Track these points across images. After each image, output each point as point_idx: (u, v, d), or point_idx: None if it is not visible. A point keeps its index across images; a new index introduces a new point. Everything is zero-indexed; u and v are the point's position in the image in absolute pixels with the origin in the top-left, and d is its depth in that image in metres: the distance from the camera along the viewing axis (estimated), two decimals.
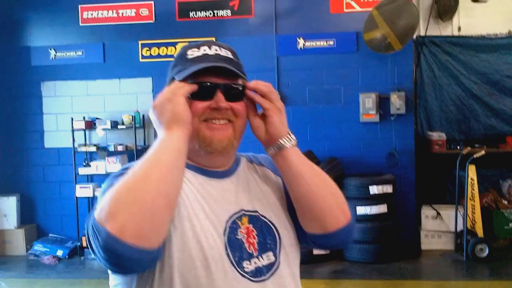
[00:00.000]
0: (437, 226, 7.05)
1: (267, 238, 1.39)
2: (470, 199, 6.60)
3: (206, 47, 1.38)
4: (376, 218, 6.58)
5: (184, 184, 1.31)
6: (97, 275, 6.55)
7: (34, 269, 6.98)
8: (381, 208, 6.59)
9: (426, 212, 7.10)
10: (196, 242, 1.27)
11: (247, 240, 1.35)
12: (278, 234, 1.41)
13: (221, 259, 1.29)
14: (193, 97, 1.34)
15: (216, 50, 1.38)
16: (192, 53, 1.38)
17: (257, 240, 1.37)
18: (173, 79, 1.40)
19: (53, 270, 6.87)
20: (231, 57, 1.40)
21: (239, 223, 1.36)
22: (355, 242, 6.59)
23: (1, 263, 7.24)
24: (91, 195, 7.43)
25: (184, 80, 1.35)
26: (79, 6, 7.76)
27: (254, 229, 1.38)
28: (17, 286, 6.36)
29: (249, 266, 1.33)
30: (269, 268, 1.36)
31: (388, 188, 6.67)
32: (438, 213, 7.03)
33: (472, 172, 6.61)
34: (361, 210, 6.57)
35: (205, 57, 1.36)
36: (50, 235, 7.76)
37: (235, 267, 1.30)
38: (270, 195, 1.48)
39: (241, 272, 1.31)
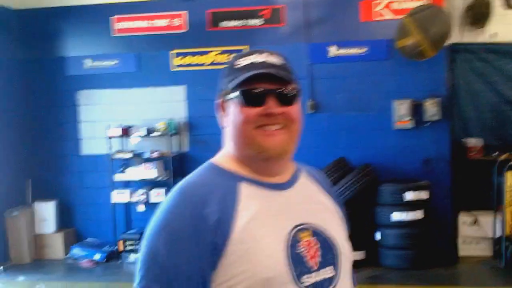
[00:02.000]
0: (475, 233, 6.99)
1: (329, 252, 1.38)
2: (508, 205, 6.54)
3: (255, 55, 1.39)
4: (412, 224, 6.56)
5: (243, 203, 1.32)
6: (134, 279, 6.61)
7: (72, 272, 7.10)
8: (417, 214, 6.57)
9: (464, 218, 7.06)
10: (257, 263, 1.26)
11: (308, 253, 1.34)
12: (339, 250, 1.41)
13: (282, 276, 1.27)
14: (246, 104, 1.35)
15: (265, 57, 1.38)
16: (242, 62, 1.39)
17: (320, 253, 1.36)
18: (224, 89, 1.42)
19: (91, 274, 6.99)
20: (281, 63, 1.40)
21: (300, 236, 1.35)
22: (391, 248, 6.59)
23: (41, 266, 7.39)
24: (127, 200, 7.55)
25: (235, 88, 1.37)
26: (113, 17, 7.90)
27: (317, 242, 1.37)
28: None
29: (309, 279, 1.31)
30: (330, 282, 1.36)
31: (424, 195, 6.65)
32: (476, 219, 6.98)
33: (510, 178, 6.55)
34: (396, 216, 6.56)
35: (254, 65, 1.37)
36: (88, 239, 7.89)
37: (295, 282, 1.29)
38: (329, 212, 1.50)
39: (301, 287, 1.29)
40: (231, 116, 1.40)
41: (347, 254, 1.44)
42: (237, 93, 1.36)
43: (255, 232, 1.28)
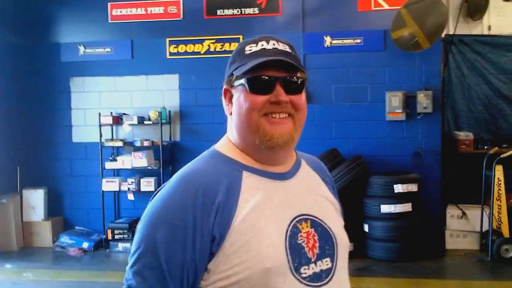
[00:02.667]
0: (462, 226, 6.99)
1: (327, 244, 1.38)
2: (496, 199, 6.52)
3: (264, 42, 1.38)
4: (401, 216, 6.54)
5: (244, 193, 1.32)
6: (122, 268, 6.54)
7: (60, 260, 7.10)
8: (406, 207, 6.55)
9: (452, 211, 7.05)
10: (256, 253, 1.26)
11: (307, 244, 1.34)
12: (336, 241, 1.41)
13: (281, 266, 1.28)
14: (253, 91, 1.34)
15: (274, 45, 1.37)
16: (250, 48, 1.37)
17: (318, 244, 1.36)
18: (231, 75, 1.39)
19: (78, 262, 6.98)
20: (289, 50, 1.38)
21: (300, 227, 1.35)
22: (379, 240, 6.57)
23: (28, 254, 7.39)
24: (117, 189, 7.55)
25: (242, 75, 1.35)
26: (109, 4, 7.86)
27: (315, 234, 1.37)
28: (43, 277, 6.46)
29: (307, 271, 1.32)
30: (328, 273, 1.36)
31: (413, 187, 6.62)
32: (464, 213, 6.97)
33: (499, 172, 6.53)
34: (386, 208, 6.54)
35: (263, 51, 1.35)
36: (77, 227, 7.90)
37: (293, 273, 1.29)
38: (328, 203, 1.50)
39: (299, 278, 1.30)
40: (237, 103, 1.38)
41: (344, 246, 1.45)
42: (245, 79, 1.35)
43: (256, 223, 1.28)
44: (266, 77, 1.33)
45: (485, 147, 7.14)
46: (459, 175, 7.29)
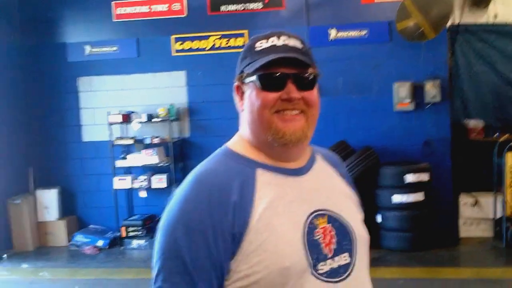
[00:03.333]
0: (476, 214, 7.01)
1: (344, 239, 1.37)
2: (509, 186, 6.54)
3: (274, 38, 1.36)
4: (413, 206, 6.58)
5: (259, 191, 1.31)
6: (137, 265, 6.70)
7: (75, 259, 7.15)
8: (418, 196, 6.58)
9: (464, 199, 7.07)
10: (274, 252, 1.25)
11: (323, 240, 1.33)
12: (355, 236, 1.40)
13: (299, 264, 1.27)
14: (265, 88, 1.33)
15: (285, 41, 1.35)
16: (261, 44, 1.36)
17: (335, 239, 1.35)
18: (242, 72, 1.39)
19: (93, 260, 7.04)
20: (300, 46, 1.37)
21: (316, 223, 1.34)
22: (391, 230, 6.61)
23: (44, 253, 7.44)
24: (129, 186, 7.58)
25: (253, 72, 1.34)
26: (113, 3, 7.88)
27: (332, 229, 1.36)
28: (59, 275, 6.53)
29: (324, 267, 1.30)
30: (346, 269, 1.35)
31: (424, 176, 6.66)
32: (477, 201, 6.99)
33: (510, 159, 6.55)
34: (397, 198, 6.57)
35: (273, 48, 1.34)
36: (91, 226, 7.94)
37: (312, 269, 1.28)
38: (345, 197, 1.49)
39: (316, 275, 1.29)
40: (248, 100, 1.38)
41: (363, 240, 1.43)
42: (256, 76, 1.34)
43: (272, 221, 1.27)
44: (277, 74, 1.32)
45: (495, 134, 7.15)
46: (469, 163, 7.31)
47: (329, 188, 1.45)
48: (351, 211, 1.45)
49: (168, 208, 1.31)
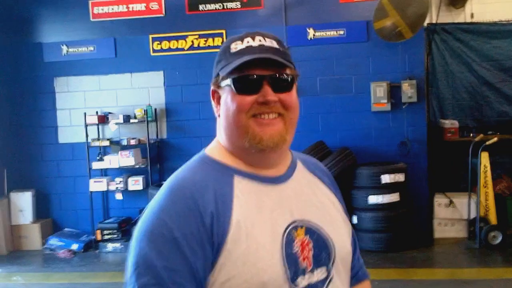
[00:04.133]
0: (450, 214, 7.02)
1: (322, 252, 1.31)
2: (483, 186, 6.57)
3: (249, 39, 1.30)
4: (388, 207, 6.58)
5: (238, 199, 1.26)
6: (112, 268, 6.64)
7: (49, 263, 7.08)
8: (393, 197, 6.58)
9: (439, 200, 7.08)
10: (252, 265, 1.19)
11: (302, 253, 1.27)
12: (334, 249, 1.34)
13: (278, 278, 1.21)
14: (240, 91, 1.28)
15: (260, 41, 1.30)
16: (236, 46, 1.30)
17: (312, 253, 1.29)
18: (218, 75, 1.33)
19: (68, 264, 6.96)
20: (276, 46, 1.31)
21: (295, 234, 1.28)
22: (367, 231, 6.60)
23: (18, 257, 7.36)
24: (105, 189, 7.53)
25: (227, 75, 1.28)
26: (90, 2, 7.80)
27: (311, 241, 1.30)
28: (33, 280, 6.45)
29: (302, 281, 1.25)
30: (323, 283, 1.30)
31: (400, 177, 6.65)
32: (451, 201, 7.00)
33: (485, 159, 6.56)
34: (373, 199, 6.56)
35: (249, 49, 1.28)
36: (65, 229, 7.86)
37: (290, 284, 1.23)
38: (328, 207, 1.42)
39: None
40: (224, 105, 1.32)
41: (343, 254, 1.38)
42: (230, 80, 1.29)
43: (250, 231, 1.22)
44: (252, 77, 1.26)
45: (471, 134, 7.17)
46: (445, 163, 7.34)
47: (309, 198, 1.38)
48: (333, 223, 1.38)
49: (143, 217, 1.24)
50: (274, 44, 1.31)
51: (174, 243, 1.17)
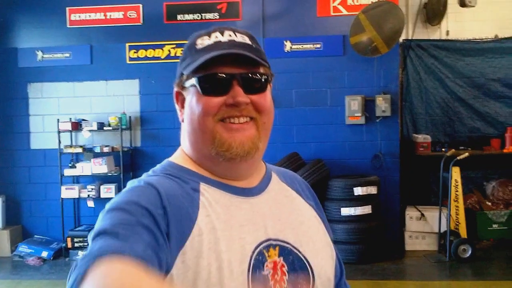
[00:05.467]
0: (421, 227, 7.09)
1: (298, 277, 1.14)
2: (454, 200, 6.65)
3: (217, 33, 1.16)
4: (360, 219, 6.61)
5: (203, 208, 1.10)
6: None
7: (18, 270, 6.94)
8: (366, 209, 6.62)
9: (411, 213, 7.15)
10: (212, 285, 1.02)
11: (273, 276, 1.10)
12: (312, 272, 1.17)
13: None
14: (206, 92, 1.13)
15: (230, 36, 1.16)
16: (202, 42, 1.16)
17: (286, 277, 1.12)
18: (182, 75, 1.19)
19: (37, 271, 6.84)
20: (249, 42, 1.17)
21: (266, 255, 1.11)
22: (339, 242, 6.62)
23: None
24: (76, 196, 7.43)
25: (192, 73, 1.14)
26: (67, 8, 7.76)
27: (284, 264, 1.13)
28: (1, 287, 6.33)
29: None
30: None
31: (373, 190, 6.70)
32: (422, 214, 7.07)
33: (456, 174, 6.65)
34: (346, 211, 6.59)
35: (217, 44, 1.14)
36: (35, 236, 7.73)
37: None
38: (307, 225, 1.24)
39: None
40: (189, 108, 1.17)
41: (323, 280, 1.20)
42: (195, 79, 1.14)
43: (215, 246, 1.06)
44: (220, 75, 1.12)
45: (443, 149, 7.27)
46: (417, 177, 7.42)
47: (286, 214, 1.22)
48: (313, 243, 1.22)
49: (106, 206, 1.07)
50: (246, 39, 1.18)
51: (144, 209, 1.02)
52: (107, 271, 0.85)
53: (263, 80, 1.17)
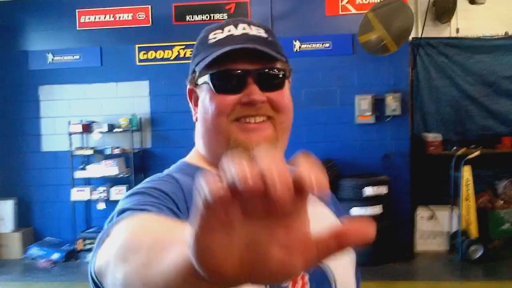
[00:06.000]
0: (432, 227, 7.04)
1: (321, 287, 1.08)
2: (465, 199, 6.59)
3: (231, 27, 1.11)
4: (371, 219, 6.56)
5: None
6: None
7: (30, 272, 6.99)
8: (376, 209, 6.58)
9: (421, 213, 7.10)
10: None
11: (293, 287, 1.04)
12: (335, 283, 1.11)
13: None
14: (219, 90, 1.08)
15: (244, 29, 1.10)
16: (215, 36, 1.11)
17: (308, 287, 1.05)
18: (194, 71, 1.14)
19: (48, 274, 6.88)
20: (264, 35, 1.11)
21: None
22: None
23: None
24: (87, 198, 7.47)
25: (205, 70, 1.08)
26: (77, 11, 7.79)
27: (305, 274, 1.06)
28: None
29: None
30: None
31: (383, 189, 6.67)
32: (433, 214, 7.02)
33: (467, 172, 6.59)
34: (356, 211, 6.56)
35: (230, 38, 1.08)
36: (47, 238, 7.79)
37: None
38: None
39: None
40: (202, 106, 1.12)
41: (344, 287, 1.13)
42: (208, 76, 1.09)
43: None
44: (234, 72, 1.06)
45: (453, 148, 7.21)
46: (428, 176, 7.36)
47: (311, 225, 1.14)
48: (338, 258, 1.15)
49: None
50: (262, 33, 1.11)
51: (167, 195, 0.99)
52: (131, 220, 0.84)
53: (280, 76, 1.11)
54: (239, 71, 1.06)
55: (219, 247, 0.49)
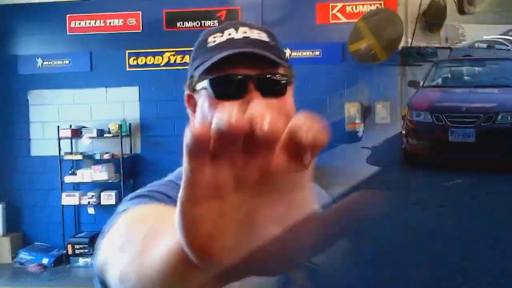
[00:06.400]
0: None
1: None
2: None
3: (231, 30, 1.08)
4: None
5: None
6: (82, 283, 6.53)
7: (19, 277, 6.96)
8: None
9: None
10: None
11: None
12: None
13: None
14: (218, 96, 1.04)
15: (245, 32, 1.07)
16: (215, 39, 1.08)
17: None
18: (192, 76, 1.11)
19: (38, 278, 6.86)
20: (266, 39, 1.08)
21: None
22: None
23: None
24: (77, 203, 7.45)
25: (204, 75, 1.05)
26: (67, 16, 7.78)
27: None
28: None
29: None
30: None
31: None
32: None
33: None
34: None
35: (230, 42, 1.06)
36: (36, 243, 7.74)
37: None
38: None
39: None
40: (200, 113, 1.09)
41: None
42: (207, 81, 1.05)
43: None
44: (234, 77, 1.03)
45: None
46: None
47: None
48: None
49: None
50: (264, 36, 1.09)
51: (170, 198, 0.96)
52: (131, 213, 0.83)
53: (282, 82, 1.07)
54: (239, 77, 1.03)
55: (206, 214, 0.46)
